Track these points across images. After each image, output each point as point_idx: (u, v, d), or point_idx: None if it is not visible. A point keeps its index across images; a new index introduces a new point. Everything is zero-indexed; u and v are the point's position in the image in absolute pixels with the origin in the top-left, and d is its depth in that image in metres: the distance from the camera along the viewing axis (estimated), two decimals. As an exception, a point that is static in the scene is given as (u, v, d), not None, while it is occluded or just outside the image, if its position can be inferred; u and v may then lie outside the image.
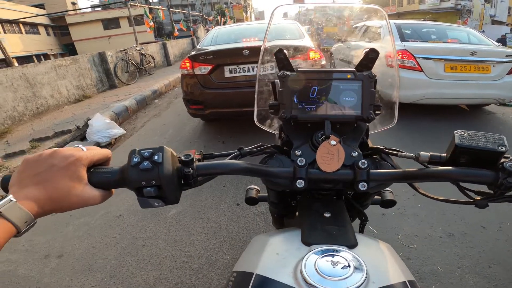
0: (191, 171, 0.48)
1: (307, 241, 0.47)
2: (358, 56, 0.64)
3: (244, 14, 37.98)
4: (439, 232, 1.92)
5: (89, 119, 4.27)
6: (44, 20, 27.38)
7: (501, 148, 0.45)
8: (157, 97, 6.61)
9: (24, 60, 23.21)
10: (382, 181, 0.53)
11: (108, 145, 4.00)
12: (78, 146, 0.46)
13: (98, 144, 3.97)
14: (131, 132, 4.43)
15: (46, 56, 26.97)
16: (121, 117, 4.90)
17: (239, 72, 3.27)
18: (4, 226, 0.35)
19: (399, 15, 31.07)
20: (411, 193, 2.29)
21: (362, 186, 0.51)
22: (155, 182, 0.45)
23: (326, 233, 0.49)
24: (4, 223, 0.35)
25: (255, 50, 3.14)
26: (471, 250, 1.77)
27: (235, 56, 3.23)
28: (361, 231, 0.75)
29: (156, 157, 0.45)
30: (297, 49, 2.86)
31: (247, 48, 3.16)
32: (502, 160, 0.46)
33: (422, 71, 3.87)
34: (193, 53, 3.54)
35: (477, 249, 1.77)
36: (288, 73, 0.62)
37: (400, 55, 3.98)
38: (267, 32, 0.81)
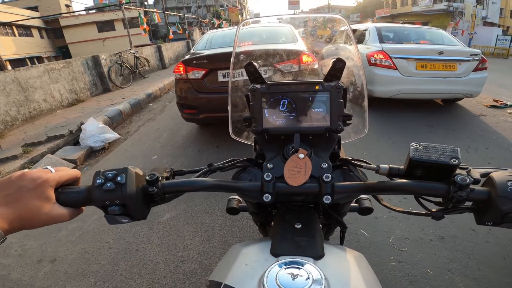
0: (155, 189, 0.50)
1: (275, 252, 0.48)
2: (327, 65, 0.64)
3: (240, 16, 38.00)
4: (430, 235, 1.95)
5: (82, 124, 4.25)
6: (37, 22, 27.09)
7: (454, 161, 0.46)
8: (152, 101, 6.60)
9: (17, 63, 22.98)
10: (346, 194, 0.53)
11: (102, 150, 3.98)
12: (47, 168, 0.49)
13: (91, 149, 3.96)
14: (125, 136, 4.41)
15: (40, 59, 26.69)
16: (115, 122, 4.88)
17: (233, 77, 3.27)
18: None
19: (392, 17, 31.36)
20: (402, 196, 2.32)
21: (327, 199, 0.51)
22: (119, 201, 0.47)
23: (295, 244, 0.49)
24: None
25: None
26: (461, 253, 1.79)
27: (228, 60, 3.21)
28: (342, 238, 0.76)
29: (119, 178, 0.47)
30: (290, 53, 2.89)
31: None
32: (457, 172, 0.46)
33: (397, 69, 4.35)
34: (186, 57, 3.53)
35: (466, 252, 1.80)
36: (258, 86, 0.62)
37: (378, 56, 4.42)
38: (235, 45, 0.83)
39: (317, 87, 0.61)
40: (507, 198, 0.42)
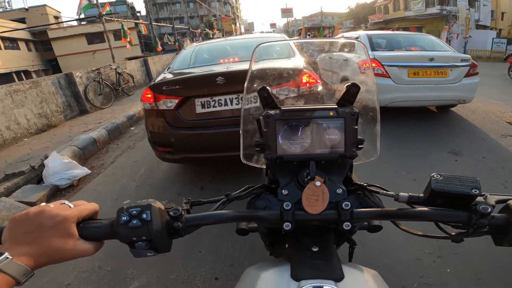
0: (180, 224, 0.51)
1: (296, 276, 0.48)
2: (340, 90, 0.64)
3: (233, 26, 37.72)
4: None
5: (47, 157, 3.64)
6: (24, 34, 26.38)
7: (474, 191, 0.48)
8: (134, 124, 5.91)
9: (3, 77, 22.19)
10: (365, 220, 0.61)
11: (70, 187, 3.39)
12: (64, 203, 0.49)
13: (57, 187, 3.36)
14: (98, 170, 3.80)
15: (27, 73, 25.88)
16: (88, 152, 4.25)
17: (213, 106, 2.53)
18: (5, 280, 0.39)
19: (386, 23, 31.32)
20: (436, 259, 1.70)
21: (346, 226, 0.53)
22: (146, 237, 0.47)
23: (314, 268, 0.50)
24: (5, 277, 0.39)
25: (232, 77, 2.42)
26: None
27: (207, 85, 2.50)
28: (351, 255, 0.77)
29: (144, 215, 0.47)
30: (287, 73, 2.26)
31: (221, 74, 2.43)
32: (477, 200, 0.48)
33: (389, 77, 4.25)
34: (157, 80, 2.80)
35: None
36: (272, 112, 0.62)
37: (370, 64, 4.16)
38: (249, 75, 0.78)
39: (331, 113, 0.61)
40: None
